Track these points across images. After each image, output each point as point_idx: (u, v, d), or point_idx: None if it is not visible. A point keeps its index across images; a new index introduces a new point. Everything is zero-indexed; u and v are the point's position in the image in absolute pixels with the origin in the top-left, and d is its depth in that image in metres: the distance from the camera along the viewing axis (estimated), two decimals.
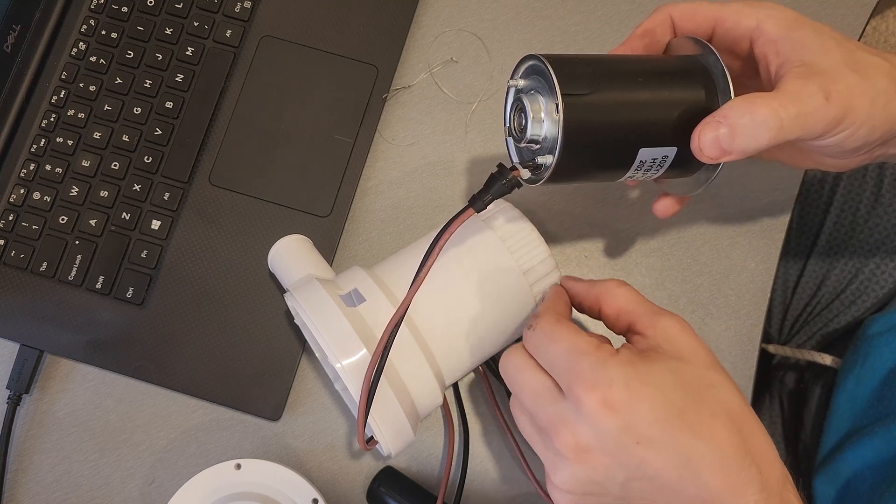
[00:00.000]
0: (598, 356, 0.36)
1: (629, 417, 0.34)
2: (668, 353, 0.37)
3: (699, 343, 0.38)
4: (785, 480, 0.36)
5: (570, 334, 0.37)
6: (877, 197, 0.64)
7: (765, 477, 0.35)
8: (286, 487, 0.48)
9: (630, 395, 0.34)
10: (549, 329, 0.38)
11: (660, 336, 0.38)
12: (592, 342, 0.37)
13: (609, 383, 0.35)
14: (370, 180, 0.57)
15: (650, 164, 0.41)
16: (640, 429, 0.34)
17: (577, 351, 0.36)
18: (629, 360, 0.36)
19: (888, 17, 1.26)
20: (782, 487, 0.36)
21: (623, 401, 0.34)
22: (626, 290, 0.40)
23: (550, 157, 0.39)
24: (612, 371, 0.35)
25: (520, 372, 0.39)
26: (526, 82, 0.41)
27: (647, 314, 0.39)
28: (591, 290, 0.42)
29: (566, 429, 0.36)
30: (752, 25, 0.41)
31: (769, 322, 0.69)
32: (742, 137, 0.38)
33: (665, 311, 0.39)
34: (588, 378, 0.35)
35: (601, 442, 0.35)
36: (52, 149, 0.55)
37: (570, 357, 0.36)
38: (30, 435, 0.53)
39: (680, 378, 0.36)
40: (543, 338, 0.38)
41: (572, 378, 0.36)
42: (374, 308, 0.44)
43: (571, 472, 0.36)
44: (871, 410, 0.56)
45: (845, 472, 0.55)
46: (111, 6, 0.58)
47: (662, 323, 0.38)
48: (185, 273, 0.54)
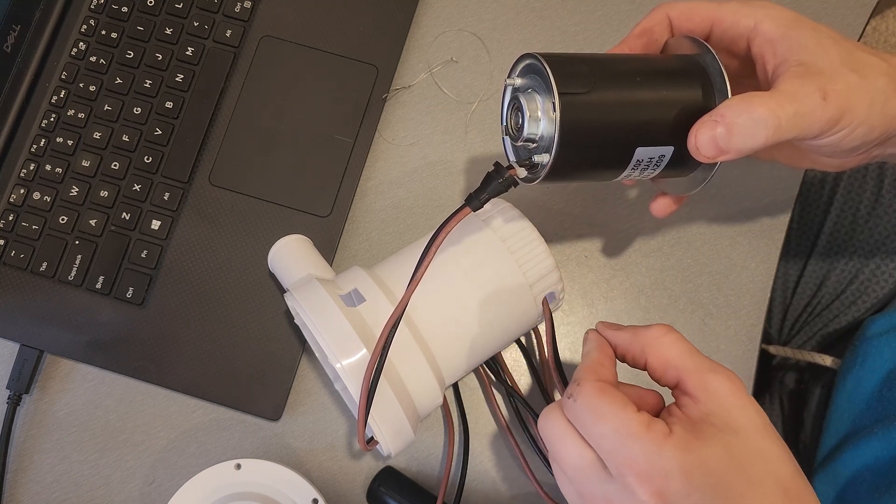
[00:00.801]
0: (651, 439, 0.33)
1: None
2: (722, 425, 0.34)
3: (752, 406, 0.35)
4: None
5: (618, 410, 0.34)
6: (877, 197, 0.64)
7: None
8: (286, 487, 0.48)
9: (687, 487, 0.33)
10: (594, 403, 0.35)
11: (712, 401, 0.35)
12: (643, 421, 0.34)
13: (665, 475, 0.33)
14: (370, 180, 0.57)
15: (647, 163, 0.41)
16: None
17: (626, 433, 0.34)
18: (685, 445, 0.33)
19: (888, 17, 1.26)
20: None
21: (678, 493, 0.33)
22: (672, 340, 0.37)
23: (547, 155, 0.39)
24: (667, 460, 0.33)
25: (561, 442, 0.36)
26: (523, 81, 0.41)
27: (697, 371, 0.36)
28: (636, 340, 0.39)
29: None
30: (749, 25, 0.41)
31: (769, 322, 0.69)
32: (739, 136, 0.37)
33: (717, 367, 0.36)
34: (641, 466, 0.33)
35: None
36: (52, 149, 0.55)
37: (619, 439, 0.34)
38: (30, 435, 0.53)
39: (734, 457, 0.34)
40: (587, 413, 0.35)
41: (622, 463, 0.33)
42: (374, 308, 0.44)
43: None
44: (871, 411, 0.56)
45: (845, 472, 0.55)
46: (111, 6, 0.58)
47: (714, 384, 0.35)
48: (185, 273, 0.54)
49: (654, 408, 0.38)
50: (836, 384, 0.60)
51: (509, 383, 0.52)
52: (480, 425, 0.54)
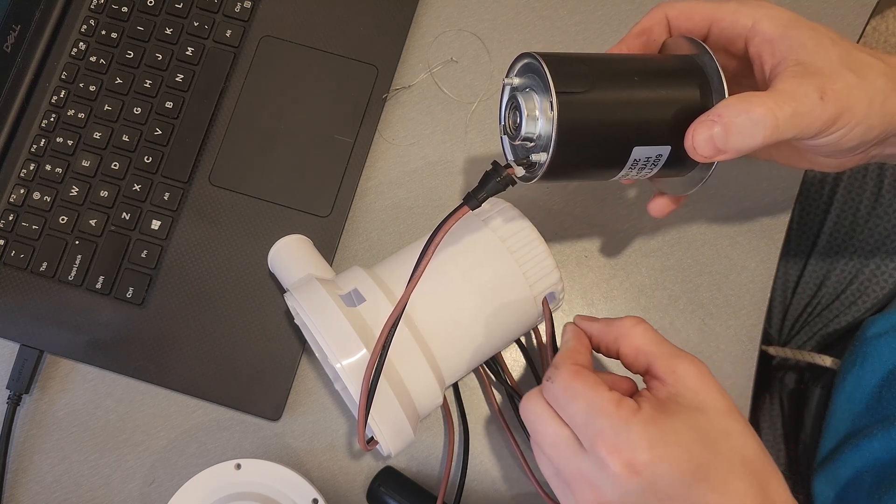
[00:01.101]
0: (619, 416, 0.35)
1: (652, 478, 0.35)
2: (688, 404, 0.37)
3: (717, 388, 0.38)
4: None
5: (590, 390, 0.37)
6: (877, 197, 0.64)
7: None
8: (286, 487, 0.48)
9: (653, 456, 0.35)
10: (569, 383, 0.37)
11: (679, 383, 0.38)
12: (613, 399, 0.36)
13: (632, 446, 0.35)
14: (370, 180, 0.57)
15: (644, 162, 0.41)
16: (662, 488, 0.35)
17: (597, 409, 0.36)
18: (651, 419, 0.36)
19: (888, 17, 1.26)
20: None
21: (646, 462, 0.34)
22: (642, 330, 0.40)
23: (544, 154, 0.39)
24: (634, 433, 0.35)
25: (540, 421, 0.38)
26: (521, 80, 0.41)
27: (665, 357, 0.39)
28: (609, 330, 0.41)
29: (587, 485, 0.36)
30: (747, 25, 0.41)
31: (769, 322, 0.69)
32: (736, 136, 0.37)
33: (683, 354, 0.39)
34: (610, 439, 0.35)
35: (622, 500, 0.35)
36: (52, 149, 0.55)
37: (590, 415, 0.36)
38: (30, 435, 0.53)
39: (700, 431, 0.36)
40: (562, 393, 0.37)
41: (594, 437, 0.36)
42: (374, 308, 0.44)
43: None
44: (871, 412, 0.56)
45: (844, 473, 0.55)
46: (111, 6, 0.58)
47: (681, 368, 0.38)
48: (185, 273, 0.54)
49: (626, 392, 0.40)
50: (835, 384, 0.60)
51: (509, 383, 0.52)
52: (480, 425, 0.54)
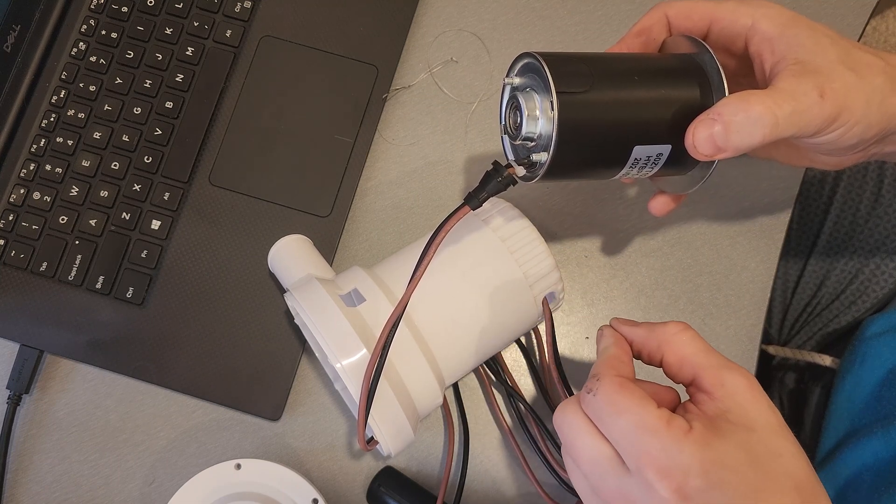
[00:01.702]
0: (670, 436, 0.33)
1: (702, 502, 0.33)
2: (738, 423, 0.35)
3: (767, 403, 0.36)
4: None
5: (638, 406, 0.34)
6: (877, 197, 0.64)
7: None
8: (286, 487, 0.48)
9: (706, 482, 0.33)
10: (613, 398, 0.35)
11: (728, 398, 0.35)
12: (663, 417, 0.34)
13: (684, 471, 0.33)
14: (370, 180, 0.57)
15: (645, 161, 0.41)
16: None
17: (646, 428, 0.34)
18: (704, 441, 0.33)
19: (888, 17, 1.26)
20: None
21: (698, 489, 0.33)
22: (689, 338, 0.38)
23: (545, 154, 0.39)
24: (687, 455, 0.33)
25: (578, 436, 0.36)
26: (521, 80, 0.41)
27: (714, 368, 0.36)
28: (651, 336, 0.39)
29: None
30: (747, 24, 0.41)
31: (769, 322, 0.69)
32: (736, 134, 0.38)
33: (731, 365, 0.36)
34: (661, 462, 0.33)
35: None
36: (52, 149, 0.55)
37: (638, 434, 0.34)
38: (30, 435, 0.53)
39: (751, 453, 0.34)
40: (606, 408, 0.35)
41: (642, 459, 0.33)
42: (374, 308, 0.44)
43: None
44: (870, 411, 0.56)
45: (844, 472, 0.55)
46: (111, 6, 0.58)
47: (730, 381, 0.36)
48: (185, 273, 0.54)
49: (670, 404, 0.38)
50: (835, 384, 0.60)
51: (509, 383, 0.52)
52: (480, 425, 0.54)
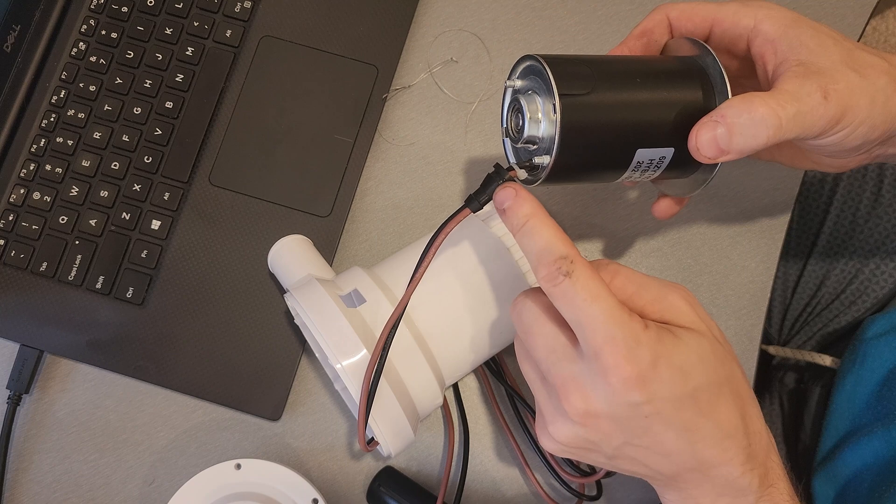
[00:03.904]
0: (632, 328, 0.35)
1: (650, 394, 0.34)
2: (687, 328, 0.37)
3: (706, 315, 0.38)
4: (769, 448, 0.38)
5: (609, 295, 0.35)
6: (877, 197, 0.64)
7: (753, 447, 0.37)
8: (286, 487, 0.48)
9: (656, 375, 0.34)
10: (589, 283, 0.35)
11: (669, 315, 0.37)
12: (626, 310, 0.35)
13: (639, 360, 0.34)
14: (370, 180, 0.57)
15: (647, 164, 0.41)
16: (656, 405, 0.35)
17: (614, 318, 0.34)
18: (658, 338, 0.35)
19: (888, 17, 1.26)
20: (766, 456, 0.38)
21: (648, 379, 0.34)
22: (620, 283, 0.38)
23: (547, 157, 0.39)
24: (643, 348, 0.34)
25: (537, 321, 0.37)
26: (523, 83, 0.41)
27: (652, 303, 0.37)
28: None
29: (578, 393, 0.35)
30: (749, 25, 0.41)
31: (769, 322, 0.69)
32: (740, 137, 0.37)
33: (667, 291, 0.37)
34: (621, 351, 0.34)
35: (611, 410, 0.35)
36: (52, 149, 0.55)
37: (607, 322, 0.34)
38: (30, 435, 0.53)
39: (699, 356, 0.36)
40: (581, 293, 0.35)
41: (605, 346, 0.34)
42: (374, 308, 0.44)
43: (571, 430, 0.36)
44: (871, 411, 0.56)
45: (844, 472, 0.55)
46: (111, 6, 0.58)
47: (671, 306, 0.37)
48: (185, 273, 0.54)
49: None
50: (835, 384, 0.60)
51: (509, 383, 0.52)
52: (480, 425, 0.54)
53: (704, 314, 0.38)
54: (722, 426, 0.36)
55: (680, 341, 0.36)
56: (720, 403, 0.36)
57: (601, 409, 0.35)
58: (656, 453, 0.36)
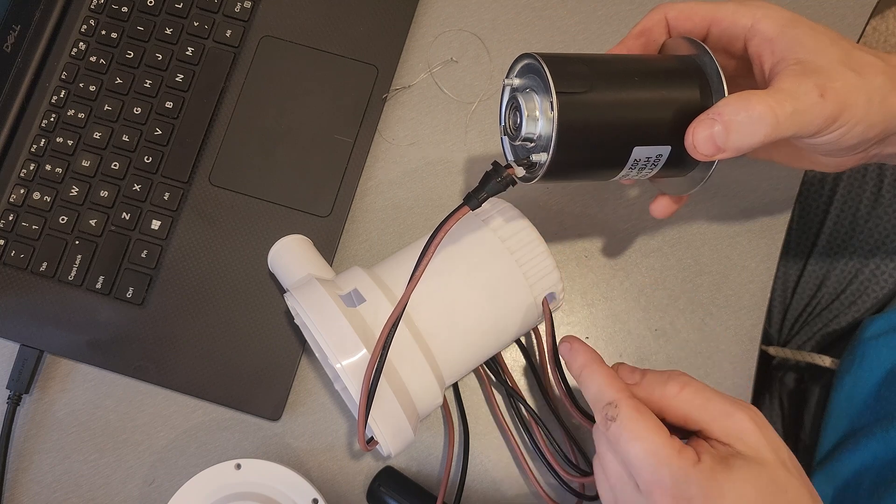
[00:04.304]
0: (679, 466, 0.35)
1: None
2: (747, 457, 0.36)
3: (775, 440, 0.37)
4: None
5: (652, 434, 0.36)
6: (877, 197, 0.64)
7: None
8: (286, 487, 0.48)
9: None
10: (629, 425, 0.37)
11: (738, 443, 0.37)
12: (675, 446, 0.36)
13: (690, 499, 0.35)
14: (370, 180, 0.57)
15: (644, 162, 0.41)
16: None
17: (657, 456, 0.36)
18: (711, 472, 0.35)
19: (888, 17, 1.26)
20: None
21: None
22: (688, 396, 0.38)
23: (545, 155, 0.39)
24: (693, 486, 0.35)
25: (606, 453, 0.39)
26: (521, 81, 0.41)
27: (717, 420, 0.37)
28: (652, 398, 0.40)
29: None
30: (747, 25, 0.41)
31: (769, 322, 0.69)
32: (736, 134, 0.37)
33: (735, 409, 0.37)
34: (669, 490, 0.35)
35: None
36: (52, 149, 0.55)
37: (650, 461, 0.36)
38: (30, 435, 0.53)
39: (757, 487, 0.35)
40: (624, 433, 0.37)
41: (653, 486, 0.36)
42: (374, 308, 0.44)
43: None
44: (870, 411, 0.56)
45: (844, 472, 0.55)
46: (111, 6, 0.58)
47: (736, 427, 0.37)
48: (185, 273, 0.54)
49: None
50: (835, 384, 0.60)
51: (509, 383, 0.52)
52: (480, 425, 0.54)
53: (773, 436, 0.37)
54: None
55: (734, 473, 0.35)
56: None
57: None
58: None
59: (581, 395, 0.54)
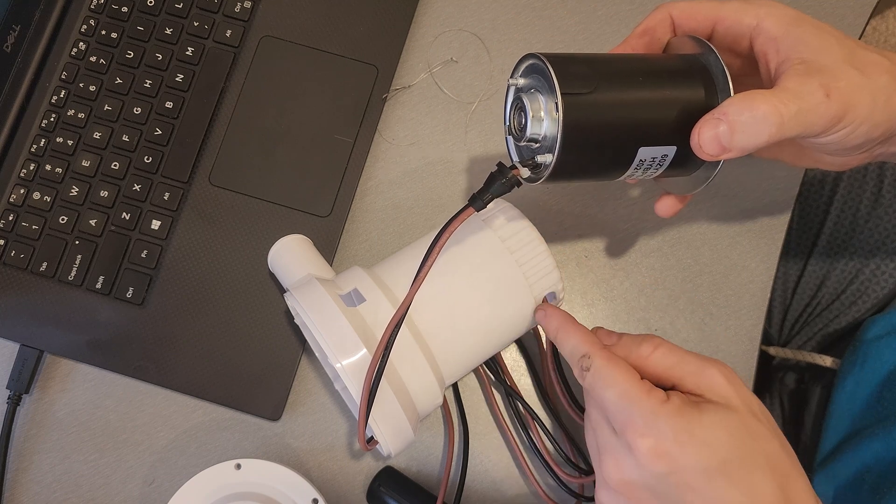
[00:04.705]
0: (649, 405, 0.37)
1: (675, 465, 0.36)
2: (718, 402, 0.38)
3: (745, 391, 0.39)
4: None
5: (622, 378, 0.38)
6: (877, 197, 0.64)
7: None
8: (286, 487, 0.48)
9: (678, 446, 0.36)
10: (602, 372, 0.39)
11: (705, 390, 0.38)
12: (643, 387, 0.37)
13: (658, 434, 0.36)
14: (370, 180, 0.57)
15: (650, 162, 0.41)
16: (684, 476, 0.36)
17: (629, 398, 0.37)
18: (678, 410, 0.36)
19: (888, 17, 1.26)
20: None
21: (671, 451, 0.36)
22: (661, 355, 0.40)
23: (550, 155, 0.39)
24: (661, 421, 0.36)
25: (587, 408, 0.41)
26: (526, 81, 0.41)
27: (691, 375, 0.39)
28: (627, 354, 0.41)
29: (614, 461, 0.38)
30: (752, 24, 0.41)
31: (769, 323, 0.69)
32: (741, 134, 0.37)
33: (706, 365, 0.39)
34: (639, 426, 0.36)
35: (643, 480, 0.37)
36: (52, 149, 0.55)
37: (622, 403, 0.37)
38: (30, 435, 0.53)
39: (725, 429, 0.36)
40: (597, 381, 0.39)
41: (625, 424, 0.37)
42: (374, 308, 0.44)
43: (614, 499, 0.39)
44: (871, 412, 0.56)
45: (845, 473, 0.55)
46: (111, 6, 0.58)
47: (708, 380, 0.38)
48: (185, 273, 0.54)
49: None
50: (835, 385, 0.60)
51: (509, 383, 0.52)
52: (480, 425, 0.54)
53: (744, 390, 0.39)
54: (760, 499, 0.36)
55: (704, 415, 0.37)
56: (755, 477, 0.36)
57: (634, 478, 0.37)
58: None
59: (581, 394, 0.54)
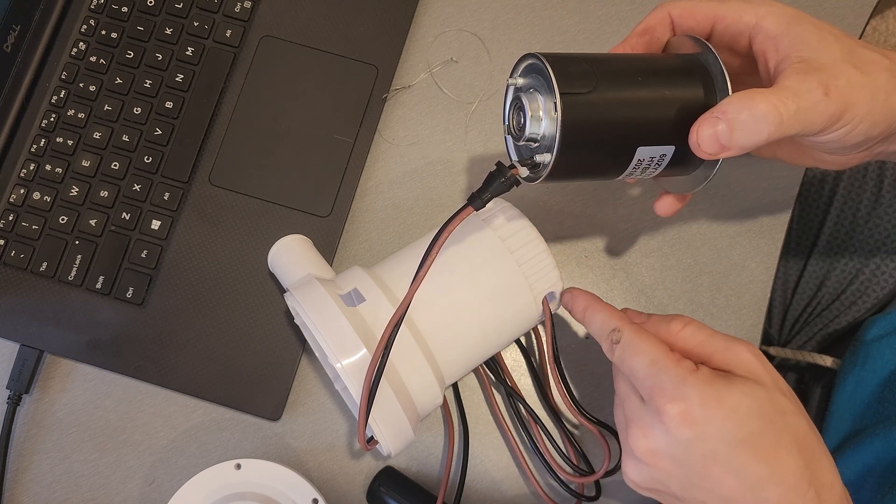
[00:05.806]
0: (678, 372, 0.37)
1: (702, 432, 0.36)
2: (746, 376, 0.38)
3: (774, 371, 0.39)
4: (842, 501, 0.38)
5: (651, 347, 0.39)
6: (877, 197, 0.64)
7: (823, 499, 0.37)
8: (286, 487, 0.48)
9: (706, 413, 0.36)
10: (632, 342, 0.40)
11: (734, 366, 0.39)
12: (672, 357, 0.38)
13: (687, 399, 0.37)
14: (370, 180, 0.57)
15: (648, 162, 0.41)
16: (710, 444, 0.36)
17: (657, 365, 0.38)
18: (708, 380, 0.37)
19: (888, 17, 1.26)
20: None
21: (699, 416, 0.36)
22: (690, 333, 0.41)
23: (549, 155, 0.39)
24: (690, 388, 0.37)
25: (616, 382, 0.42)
26: (525, 81, 0.41)
27: (720, 353, 0.40)
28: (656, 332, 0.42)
29: (640, 430, 0.38)
30: (751, 22, 0.40)
31: (769, 323, 0.69)
32: (740, 133, 0.37)
33: (735, 345, 0.39)
34: (667, 391, 0.37)
35: (669, 449, 0.37)
36: (52, 149, 0.55)
37: (651, 370, 0.38)
38: (30, 435, 0.53)
39: (754, 402, 0.37)
40: (627, 350, 0.39)
41: (653, 389, 0.38)
42: (374, 308, 0.44)
43: (639, 469, 0.39)
44: (872, 412, 0.56)
45: (846, 473, 0.55)
46: (111, 6, 0.58)
47: (737, 359, 0.39)
48: (185, 273, 0.54)
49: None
50: (836, 385, 0.60)
51: (509, 383, 0.52)
52: (480, 425, 0.54)
53: (771, 369, 0.39)
54: (786, 477, 0.36)
55: (732, 386, 0.37)
56: (780, 451, 0.37)
57: (661, 446, 0.38)
58: (719, 497, 0.37)
59: (580, 394, 0.54)
